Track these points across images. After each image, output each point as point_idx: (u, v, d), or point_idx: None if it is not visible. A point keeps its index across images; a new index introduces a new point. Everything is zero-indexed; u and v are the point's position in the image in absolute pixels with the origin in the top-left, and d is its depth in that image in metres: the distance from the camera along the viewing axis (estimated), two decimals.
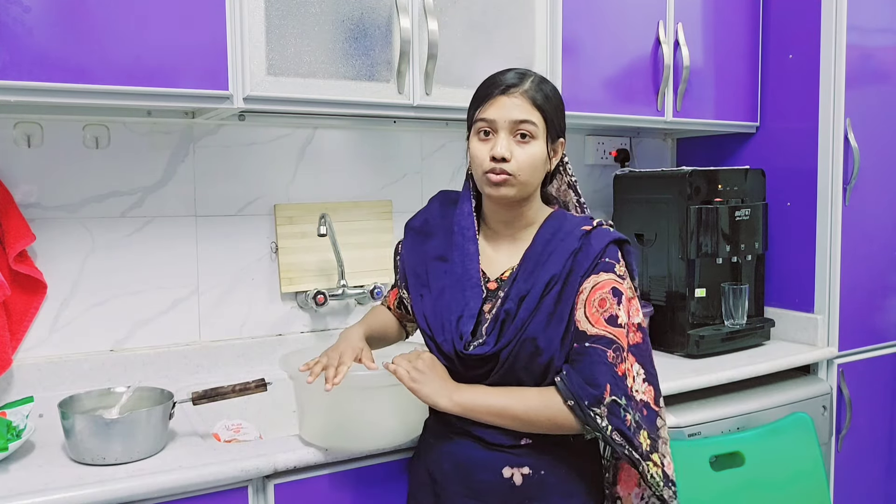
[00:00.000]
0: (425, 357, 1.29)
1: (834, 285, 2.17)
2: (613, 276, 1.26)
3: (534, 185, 1.30)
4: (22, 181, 1.66)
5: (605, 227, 1.31)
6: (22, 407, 1.42)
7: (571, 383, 1.21)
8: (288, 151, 1.95)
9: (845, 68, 2.13)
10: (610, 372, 1.21)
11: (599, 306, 1.24)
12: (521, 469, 1.26)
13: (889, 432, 2.36)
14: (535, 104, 1.25)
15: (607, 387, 1.20)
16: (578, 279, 1.25)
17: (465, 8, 1.79)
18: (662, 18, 2.12)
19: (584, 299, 1.24)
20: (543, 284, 1.25)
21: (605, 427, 1.19)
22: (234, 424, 1.58)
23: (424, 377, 1.25)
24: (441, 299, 1.32)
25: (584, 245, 1.27)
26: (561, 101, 1.32)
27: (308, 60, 1.61)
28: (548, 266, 1.26)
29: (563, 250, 1.27)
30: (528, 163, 1.25)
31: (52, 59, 1.36)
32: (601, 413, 1.19)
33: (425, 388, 1.25)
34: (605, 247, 1.27)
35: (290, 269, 1.94)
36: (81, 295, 1.72)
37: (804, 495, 1.89)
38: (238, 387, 1.45)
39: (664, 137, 2.63)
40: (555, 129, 1.29)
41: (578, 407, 1.20)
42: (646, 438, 1.23)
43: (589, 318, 1.23)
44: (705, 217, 2.09)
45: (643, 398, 1.25)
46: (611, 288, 1.25)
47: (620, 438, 1.20)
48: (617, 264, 1.27)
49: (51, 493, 1.16)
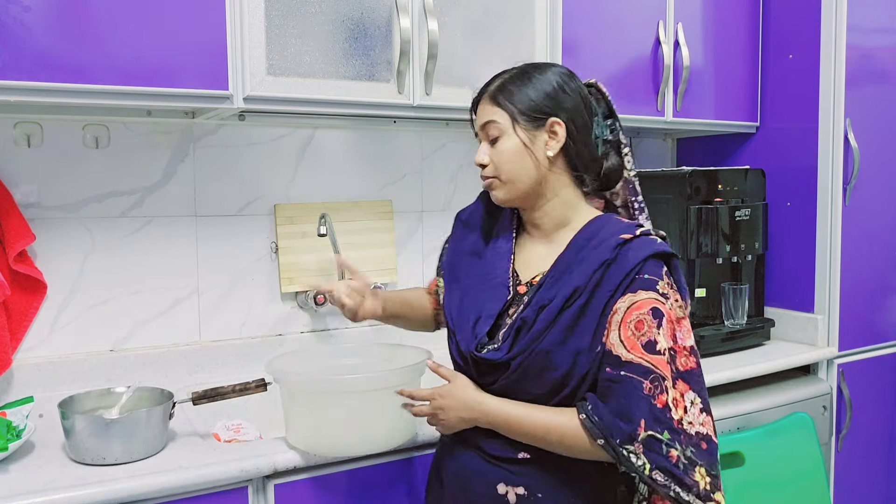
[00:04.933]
0: (443, 391, 1.24)
1: (834, 285, 2.17)
2: (654, 294, 1.12)
3: (524, 180, 1.21)
4: (22, 181, 1.66)
5: (651, 236, 1.18)
6: (22, 407, 1.42)
7: (600, 419, 1.10)
8: (288, 151, 1.95)
9: (845, 68, 2.13)
10: (647, 405, 1.08)
11: (636, 329, 1.11)
12: (517, 489, 1.19)
13: (889, 432, 2.36)
14: (495, 102, 1.22)
15: (642, 422, 1.08)
16: (608, 294, 1.14)
17: (465, 8, 1.79)
18: (662, 18, 2.12)
19: (618, 320, 1.12)
20: (565, 296, 1.15)
21: (642, 466, 1.08)
22: (234, 424, 1.58)
23: (447, 414, 1.22)
24: (467, 296, 1.28)
25: (620, 256, 1.15)
26: (539, 79, 1.21)
27: (308, 60, 1.60)
28: (574, 276, 1.16)
29: (593, 260, 1.16)
30: (502, 161, 1.22)
31: (52, 59, 1.35)
32: (635, 451, 1.08)
33: (451, 422, 1.23)
34: (642, 260, 1.14)
35: (290, 269, 1.94)
36: (81, 295, 1.72)
37: (804, 495, 1.89)
38: (238, 387, 1.45)
39: (664, 137, 2.63)
40: (526, 113, 1.20)
41: (609, 446, 1.10)
42: (704, 476, 1.09)
43: (624, 342, 1.11)
44: (705, 217, 2.09)
45: (701, 430, 1.11)
46: (650, 308, 1.12)
47: (664, 478, 1.08)
48: (660, 281, 1.14)
49: (51, 493, 1.16)
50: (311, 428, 1.36)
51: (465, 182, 2.19)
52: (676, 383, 1.11)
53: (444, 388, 1.24)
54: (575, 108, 1.21)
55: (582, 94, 1.24)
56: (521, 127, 1.20)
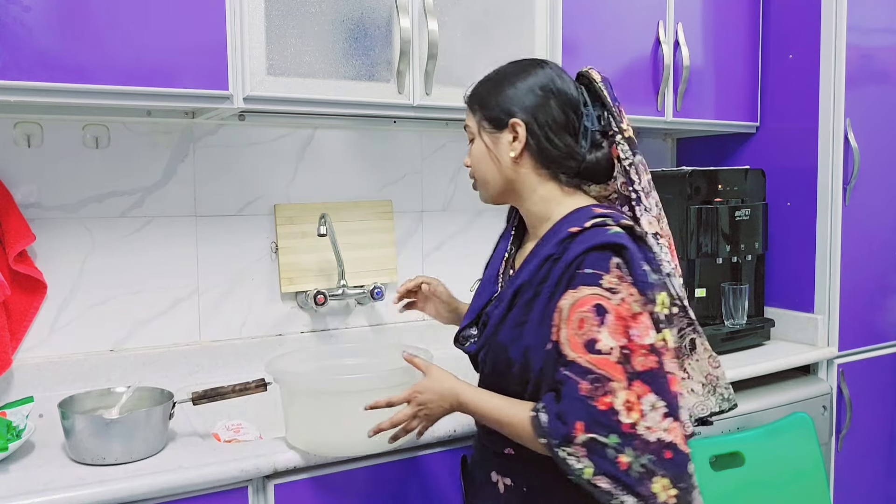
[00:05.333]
0: (419, 388, 1.22)
1: (834, 285, 2.17)
2: (598, 290, 1.07)
3: (493, 182, 1.24)
4: (22, 181, 1.66)
5: (606, 227, 1.13)
6: (22, 407, 1.42)
7: (547, 418, 1.08)
8: (288, 151, 1.95)
9: (845, 68, 2.13)
10: (582, 407, 1.04)
11: (578, 328, 1.07)
12: (505, 479, 1.24)
13: (889, 432, 2.36)
14: (469, 107, 1.28)
15: (578, 424, 1.04)
16: (550, 290, 1.13)
17: (465, 8, 1.79)
18: (662, 18, 2.12)
19: (564, 318, 1.09)
20: (513, 292, 1.18)
21: (581, 470, 1.03)
22: (234, 424, 1.58)
23: (429, 408, 1.22)
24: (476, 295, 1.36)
25: (562, 252, 1.13)
26: (502, 80, 1.23)
27: (308, 60, 1.61)
28: (523, 272, 1.18)
29: (541, 255, 1.16)
30: (474, 163, 1.27)
31: (52, 59, 1.35)
32: (575, 453, 1.04)
33: (435, 415, 1.23)
34: (581, 254, 1.10)
35: (290, 269, 1.94)
36: (81, 295, 1.72)
37: (804, 495, 1.89)
38: (238, 387, 1.45)
39: (664, 137, 2.63)
40: (489, 118, 1.22)
41: (548, 446, 1.07)
42: (667, 488, 1.02)
43: (569, 340, 1.08)
44: (705, 217, 2.09)
45: (664, 437, 1.03)
46: (593, 305, 1.07)
47: (610, 484, 1.02)
48: (605, 275, 1.08)
49: (51, 493, 1.16)
50: (310, 428, 1.36)
51: (465, 182, 2.18)
52: (633, 385, 1.04)
53: (419, 385, 1.22)
54: (540, 106, 1.19)
55: (556, 89, 1.20)
56: (484, 130, 1.24)
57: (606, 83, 1.25)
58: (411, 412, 1.22)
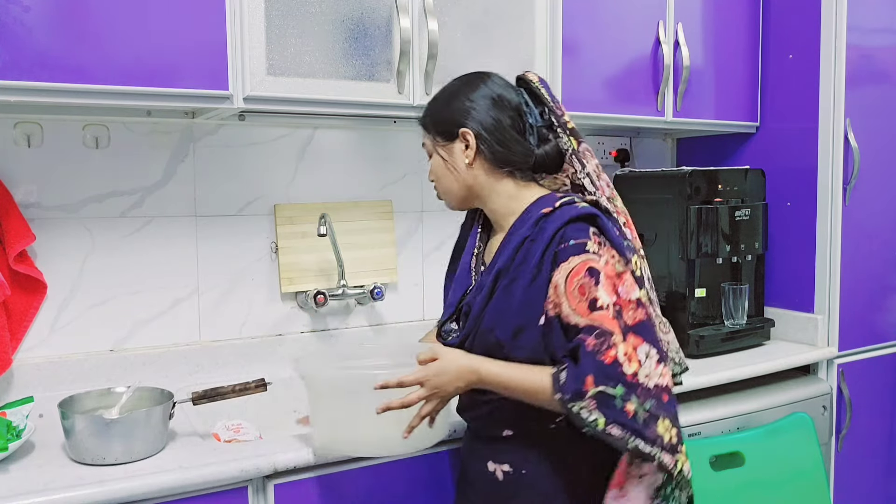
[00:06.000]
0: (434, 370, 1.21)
1: (834, 285, 2.17)
2: (586, 255, 1.17)
3: (455, 190, 1.33)
4: (22, 181, 1.66)
5: (574, 204, 1.23)
6: (22, 407, 1.42)
7: (567, 377, 1.14)
8: (288, 151, 1.95)
9: (845, 68, 2.13)
10: (591, 361, 1.11)
11: (580, 294, 1.15)
12: (502, 466, 1.27)
13: (889, 432, 2.36)
14: (422, 127, 1.36)
15: (588, 378, 1.11)
16: (532, 269, 1.19)
17: (465, 8, 1.79)
18: (662, 18, 2.12)
19: (562, 292, 1.16)
20: (493, 278, 1.25)
21: (594, 421, 1.10)
22: (234, 424, 1.58)
23: (443, 389, 1.21)
24: (449, 292, 1.41)
25: (538, 232, 1.21)
26: (449, 97, 1.32)
27: (308, 60, 1.60)
28: (500, 259, 1.25)
29: (515, 240, 1.24)
30: (435, 177, 1.36)
31: (52, 59, 1.35)
32: (587, 406, 1.11)
33: (448, 395, 1.22)
34: (560, 228, 1.19)
35: (290, 269, 1.94)
36: (81, 295, 1.72)
37: (804, 495, 1.89)
38: (238, 387, 1.45)
39: (664, 137, 2.63)
40: (440, 133, 1.32)
41: (561, 401, 1.13)
42: (669, 429, 1.11)
43: (576, 310, 1.15)
44: (705, 217, 2.09)
45: (660, 382, 1.13)
46: (587, 269, 1.16)
47: (622, 432, 1.09)
48: (588, 241, 1.18)
49: (51, 493, 1.16)
50: (343, 428, 1.32)
51: None
52: (627, 337, 1.13)
53: (432, 367, 1.21)
54: (484, 112, 1.28)
55: (496, 95, 1.29)
56: (439, 145, 1.33)
57: (543, 83, 1.33)
58: (423, 395, 1.21)
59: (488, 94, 1.29)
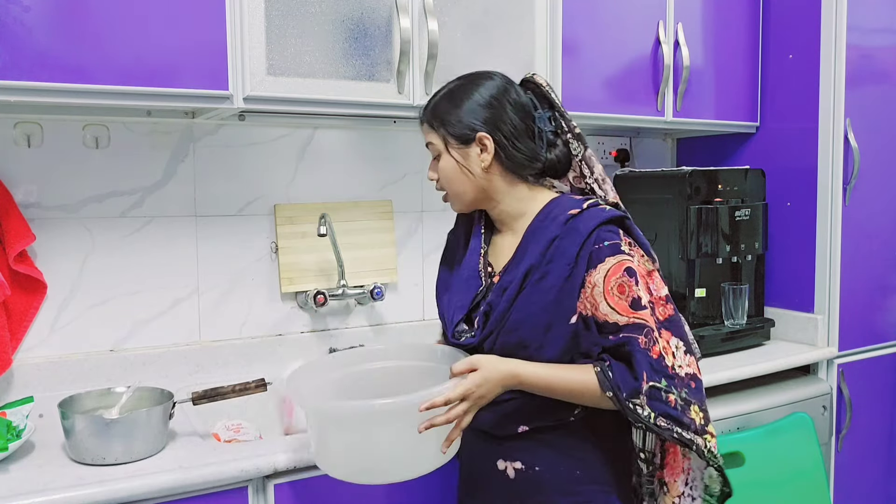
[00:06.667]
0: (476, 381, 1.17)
1: (834, 285, 2.17)
2: (621, 256, 1.21)
3: (468, 192, 1.30)
4: (22, 181, 1.66)
5: (600, 206, 1.26)
6: (22, 407, 1.42)
7: (613, 374, 1.18)
8: (288, 151, 1.95)
9: (845, 68, 2.13)
10: (645, 359, 1.17)
11: (619, 293, 1.19)
12: (514, 463, 1.27)
13: (889, 432, 2.36)
14: (430, 126, 1.32)
15: (644, 375, 1.16)
16: (566, 268, 1.21)
17: (465, 8, 1.79)
18: (662, 18, 2.12)
19: (601, 292, 1.19)
20: (522, 276, 1.23)
21: (648, 416, 1.16)
22: (234, 424, 1.58)
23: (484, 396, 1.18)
24: (452, 296, 1.37)
25: (569, 231, 1.22)
26: (462, 98, 1.27)
27: (308, 60, 1.60)
28: (527, 257, 1.24)
29: (542, 239, 1.24)
30: (444, 178, 1.32)
31: (52, 59, 1.35)
32: (641, 402, 1.17)
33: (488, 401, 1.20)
34: (593, 230, 1.21)
35: (290, 269, 1.94)
36: (81, 295, 1.72)
37: (804, 495, 1.89)
38: (238, 387, 1.45)
39: (664, 137, 2.63)
40: (455, 135, 1.28)
41: (617, 399, 1.18)
42: (698, 412, 1.19)
43: (615, 308, 1.19)
44: (705, 217, 2.09)
45: (689, 371, 1.21)
46: (625, 269, 1.20)
47: (667, 422, 1.17)
48: (621, 242, 1.22)
49: (51, 493, 1.16)
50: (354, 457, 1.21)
51: None
52: (661, 332, 1.21)
53: (474, 378, 1.17)
54: (500, 117, 1.27)
55: (510, 99, 1.29)
56: (453, 147, 1.29)
57: (550, 87, 1.34)
58: (465, 408, 1.17)
59: (501, 96, 1.28)
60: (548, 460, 1.25)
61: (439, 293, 1.42)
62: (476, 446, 1.34)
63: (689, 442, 1.17)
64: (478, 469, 1.33)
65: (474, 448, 1.35)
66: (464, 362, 1.19)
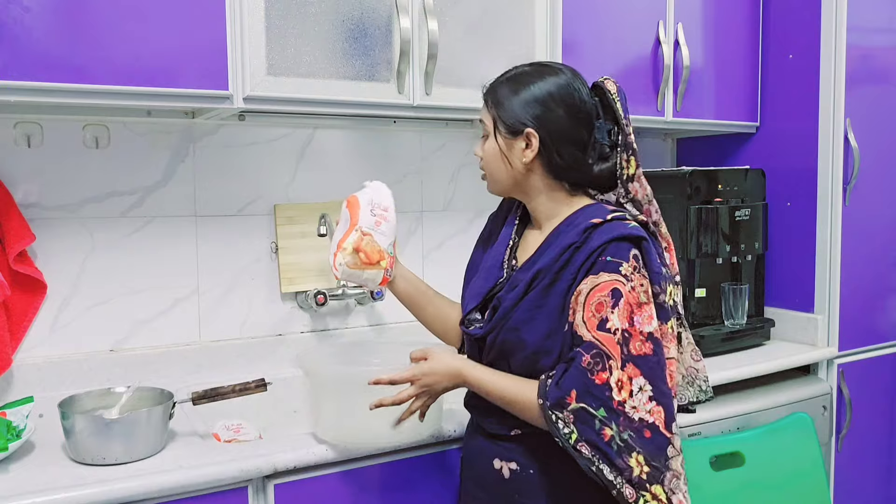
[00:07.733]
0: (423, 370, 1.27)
1: (834, 285, 2.17)
2: (616, 276, 1.15)
3: (503, 180, 1.30)
4: (22, 181, 1.66)
5: (625, 221, 1.21)
6: (22, 407, 1.42)
7: (551, 383, 1.16)
8: (288, 151, 1.95)
9: (845, 68, 2.13)
10: (580, 378, 1.12)
11: (596, 311, 1.15)
12: (510, 464, 1.27)
13: (889, 432, 2.36)
14: (486, 103, 1.31)
15: (572, 392, 1.12)
16: (571, 276, 1.19)
17: (465, 8, 1.79)
18: (662, 18, 2.12)
19: (582, 302, 1.16)
20: (531, 277, 1.22)
21: (568, 434, 1.12)
22: (234, 424, 1.58)
23: (433, 388, 1.28)
24: (475, 280, 1.38)
25: (586, 240, 1.20)
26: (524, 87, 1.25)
27: (308, 60, 1.60)
28: (542, 259, 1.23)
29: (560, 244, 1.22)
30: (486, 158, 1.31)
31: (52, 59, 1.35)
32: (564, 418, 1.12)
33: (437, 392, 1.29)
34: (605, 243, 1.17)
35: (290, 269, 1.94)
36: (81, 295, 1.72)
37: (804, 495, 1.89)
38: (238, 387, 1.45)
39: (664, 137, 2.63)
40: (504, 123, 1.26)
41: (542, 407, 1.15)
42: (641, 464, 1.10)
43: (586, 322, 1.16)
44: (705, 217, 2.09)
45: (645, 418, 1.12)
46: (611, 290, 1.15)
47: (591, 451, 1.11)
48: (624, 263, 1.16)
49: (51, 493, 1.16)
50: (346, 421, 1.39)
51: (465, 182, 2.19)
52: (626, 366, 1.13)
53: (422, 366, 1.27)
54: (551, 117, 1.24)
55: (570, 101, 1.24)
56: (500, 134, 1.28)
57: (621, 94, 1.28)
58: (413, 392, 1.28)
59: (564, 97, 1.24)
60: (543, 463, 1.25)
61: (468, 275, 1.44)
62: (475, 443, 1.35)
63: (611, 484, 1.10)
64: (476, 466, 1.34)
65: (473, 445, 1.36)
66: (419, 350, 1.29)
